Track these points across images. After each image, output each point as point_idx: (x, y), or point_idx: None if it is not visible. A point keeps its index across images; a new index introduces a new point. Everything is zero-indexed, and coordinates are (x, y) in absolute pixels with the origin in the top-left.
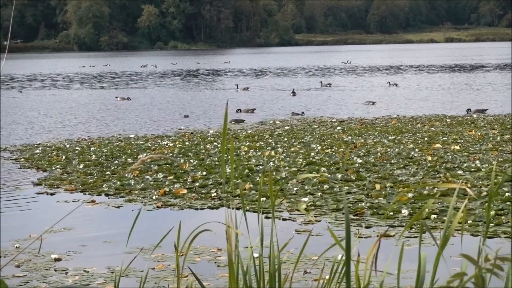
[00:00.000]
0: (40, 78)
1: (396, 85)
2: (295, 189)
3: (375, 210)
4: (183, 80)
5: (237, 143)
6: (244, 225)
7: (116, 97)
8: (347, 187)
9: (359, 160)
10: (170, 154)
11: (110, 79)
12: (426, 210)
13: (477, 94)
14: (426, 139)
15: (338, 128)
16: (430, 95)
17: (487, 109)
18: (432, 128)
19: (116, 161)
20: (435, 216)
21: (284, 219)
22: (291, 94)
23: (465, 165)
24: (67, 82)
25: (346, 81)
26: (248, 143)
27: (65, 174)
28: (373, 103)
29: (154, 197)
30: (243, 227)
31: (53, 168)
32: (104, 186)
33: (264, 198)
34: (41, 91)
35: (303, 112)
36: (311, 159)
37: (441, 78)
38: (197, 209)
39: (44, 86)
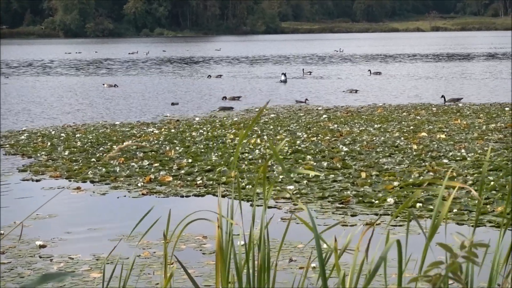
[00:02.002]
0: (26, 64)
1: (380, 73)
2: (281, 177)
3: (360, 198)
4: (175, 67)
5: (223, 130)
6: (227, 212)
7: (103, 84)
8: (333, 175)
9: (345, 149)
10: (156, 142)
11: (100, 66)
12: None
13: (465, 83)
14: (411, 127)
15: (324, 116)
16: (417, 84)
17: (462, 98)
18: (418, 117)
19: (101, 148)
20: (421, 204)
21: (269, 207)
22: (279, 81)
23: (450, 153)
24: (53, 68)
25: (338, 69)
26: (234, 130)
27: (50, 160)
28: (356, 91)
29: (139, 184)
30: (229, 215)
31: (38, 154)
32: (89, 173)
33: (250, 186)
34: (28, 77)
35: (306, 99)
36: (297, 147)
37: (430, 66)
38: (182, 196)
39: (30, 72)
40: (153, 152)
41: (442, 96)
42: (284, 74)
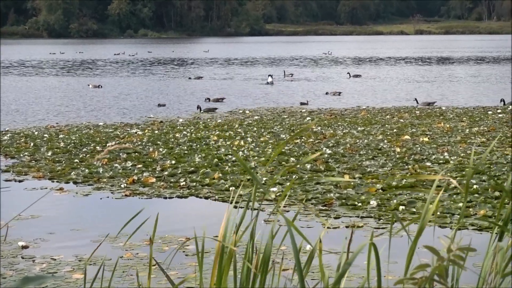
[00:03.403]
0: (10, 64)
1: (359, 76)
2: (264, 179)
3: (343, 200)
4: (162, 69)
5: (206, 132)
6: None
7: (88, 85)
8: (316, 178)
9: (328, 151)
10: (139, 143)
11: (85, 67)
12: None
13: (448, 87)
14: (395, 130)
15: (308, 118)
16: (402, 87)
17: (435, 102)
18: (401, 120)
19: (84, 149)
20: (403, 207)
21: (254, 209)
22: (265, 83)
23: (433, 157)
24: (39, 69)
25: (325, 71)
26: (217, 132)
27: (33, 161)
28: (339, 93)
29: (122, 186)
30: (212, 216)
31: (21, 155)
32: (72, 173)
33: (233, 188)
34: (12, 77)
35: (307, 101)
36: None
37: (416, 69)
38: (165, 197)
39: (14, 72)
40: (136, 153)
41: (415, 99)
42: (271, 76)
